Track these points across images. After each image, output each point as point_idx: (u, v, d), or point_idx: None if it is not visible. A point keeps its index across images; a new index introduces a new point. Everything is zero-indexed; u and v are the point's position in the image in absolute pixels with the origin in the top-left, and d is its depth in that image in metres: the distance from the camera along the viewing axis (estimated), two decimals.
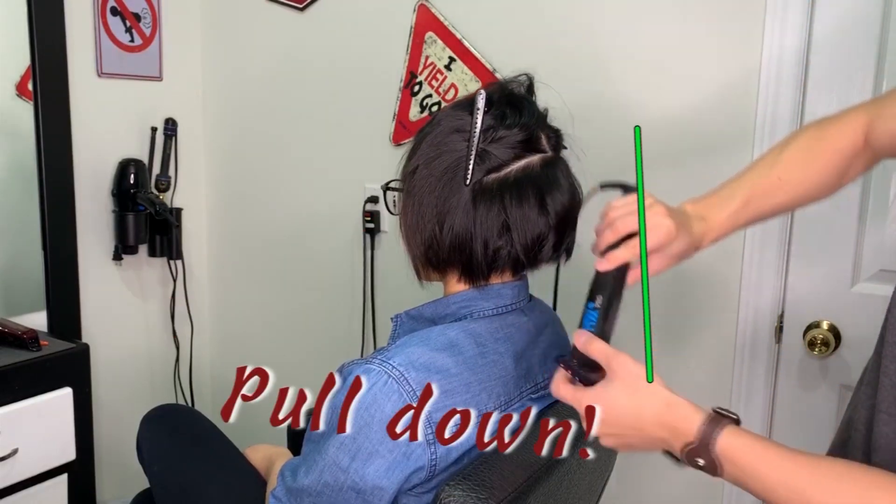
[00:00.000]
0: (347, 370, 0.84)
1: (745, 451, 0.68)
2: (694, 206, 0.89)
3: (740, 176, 0.92)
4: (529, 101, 0.93)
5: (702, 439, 0.70)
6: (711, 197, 0.91)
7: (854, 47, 1.26)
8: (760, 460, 0.68)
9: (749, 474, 0.68)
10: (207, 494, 1.11)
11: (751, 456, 0.68)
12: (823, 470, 0.65)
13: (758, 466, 0.68)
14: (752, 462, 0.68)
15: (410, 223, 0.92)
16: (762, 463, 0.68)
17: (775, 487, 0.67)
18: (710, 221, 0.88)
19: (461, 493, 0.75)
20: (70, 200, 1.80)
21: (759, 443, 0.69)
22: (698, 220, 0.88)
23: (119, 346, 2.03)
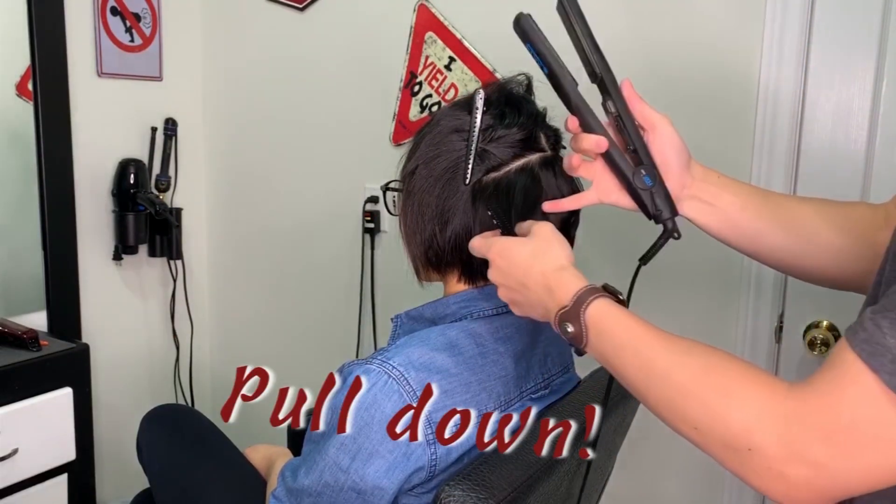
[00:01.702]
0: (347, 370, 0.84)
1: (611, 319, 0.70)
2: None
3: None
4: (528, 101, 0.93)
5: (575, 304, 0.72)
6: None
7: (854, 45, 1.26)
8: (620, 326, 0.69)
9: (606, 340, 0.70)
10: (207, 494, 1.11)
11: (612, 322, 0.70)
12: (676, 344, 0.66)
13: (616, 332, 0.69)
14: (612, 327, 0.70)
15: (410, 223, 0.92)
16: (621, 329, 0.69)
17: (626, 353, 0.68)
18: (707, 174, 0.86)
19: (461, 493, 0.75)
20: (70, 200, 1.80)
21: (626, 314, 0.70)
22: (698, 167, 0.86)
23: (119, 346, 2.03)
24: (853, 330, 0.55)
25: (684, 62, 1.39)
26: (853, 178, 1.28)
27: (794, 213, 0.85)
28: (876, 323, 0.53)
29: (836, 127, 1.28)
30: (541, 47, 0.83)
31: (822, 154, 1.30)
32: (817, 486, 0.55)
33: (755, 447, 0.56)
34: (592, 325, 0.71)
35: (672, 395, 0.64)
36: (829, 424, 0.54)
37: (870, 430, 0.53)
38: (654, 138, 0.83)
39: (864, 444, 0.53)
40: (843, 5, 1.26)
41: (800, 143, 1.31)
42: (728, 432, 0.58)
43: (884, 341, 0.52)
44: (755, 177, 1.34)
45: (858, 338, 0.54)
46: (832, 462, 0.53)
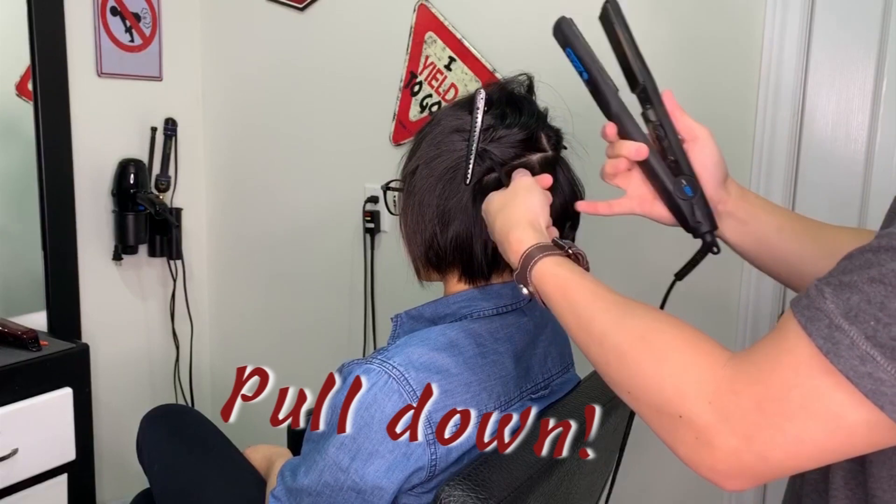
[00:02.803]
0: (347, 370, 0.84)
1: (554, 279, 0.70)
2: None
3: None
4: (529, 101, 0.93)
5: (522, 265, 0.73)
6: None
7: (854, 45, 1.26)
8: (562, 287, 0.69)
9: (551, 301, 0.70)
10: (207, 494, 1.11)
11: (554, 282, 0.70)
12: (618, 306, 0.65)
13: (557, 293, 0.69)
14: (553, 288, 0.70)
15: (411, 223, 0.92)
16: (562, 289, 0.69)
17: (567, 314, 0.68)
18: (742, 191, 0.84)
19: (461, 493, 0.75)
20: (70, 200, 1.80)
21: (569, 273, 0.70)
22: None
23: (119, 346, 2.03)
24: (798, 298, 0.53)
25: (684, 62, 1.39)
26: (853, 179, 1.28)
27: (835, 239, 0.82)
28: (819, 289, 0.51)
29: (837, 127, 1.28)
30: (582, 52, 0.81)
31: (823, 154, 1.30)
32: (744, 460, 0.52)
33: (685, 414, 0.55)
34: (539, 286, 0.71)
35: (608, 357, 0.63)
36: (761, 393, 0.51)
37: (798, 400, 0.50)
38: (695, 150, 0.81)
39: (792, 415, 0.50)
40: (843, 5, 1.26)
41: (800, 143, 1.31)
42: (660, 397, 0.57)
43: (823, 305, 0.50)
44: (755, 177, 1.34)
45: (801, 304, 0.52)
46: (760, 433, 0.51)
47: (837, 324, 0.49)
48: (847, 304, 0.49)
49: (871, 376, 0.48)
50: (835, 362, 0.49)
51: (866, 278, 0.49)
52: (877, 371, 0.47)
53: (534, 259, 0.72)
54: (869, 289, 0.49)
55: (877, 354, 0.48)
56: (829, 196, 1.30)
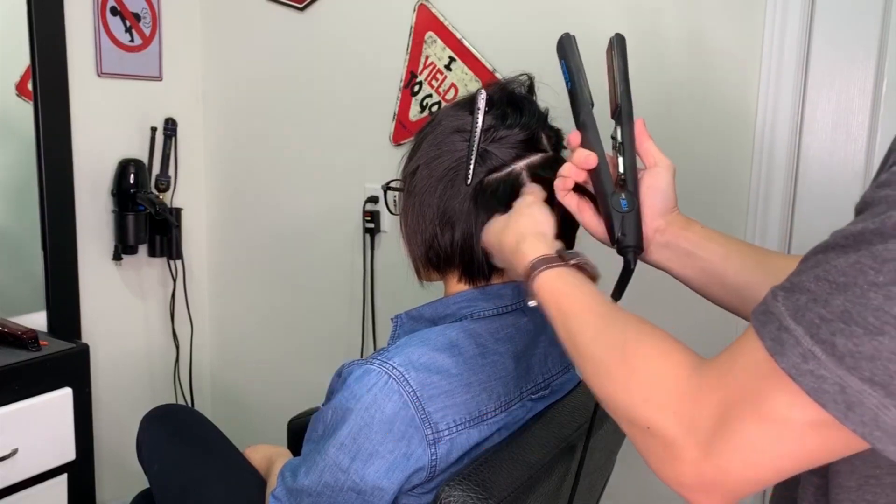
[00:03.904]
0: (347, 371, 0.84)
1: (551, 292, 0.71)
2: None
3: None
4: (530, 101, 0.93)
5: (529, 270, 0.74)
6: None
7: (854, 46, 1.26)
8: (556, 299, 0.70)
9: (549, 313, 0.71)
10: (207, 495, 1.10)
11: (550, 295, 0.71)
12: (602, 318, 0.65)
13: (552, 305, 0.70)
14: (549, 300, 0.71)
15: (411, 223, 0.92)
16: (557, 301, 0.70)
17: (558, 326, 0.69)
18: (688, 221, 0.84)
19: (461, 493, 0.75)
20: (70, 200, 1.80)
21: (566, 285, 0.71)
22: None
23: (119, 346, 2.03)
24: (756, 305, 0.52)
25: (684, 62, 1.39)
26: (854, 179, 1.28)
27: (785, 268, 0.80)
28: (773, 293, 0.51)
29: (837, 127, 1.28)
30: (571, 65, 0.86)
31: (823, 154, 1.30)
32: (706, 472, 0.51)
33: (652, 425, 0.54)
34: (539, 299, 0.72)
35: (590, 369, 0.64)
36: (720, 400, 0.51)
37: (749, 404, 0.49)
38: (648, 176, 0.83)
39: (744, 420, 0.49)
40: (843, 5, 1.26)
41: (800, 143, 1.31)
42: (630, 408, 0.57)
43: (775, 308, 0.49)
44: (755, 177, 1.34)
45: (757, 310, 0.51)
46: (717, 441, 0.50)
47: (786, 324, 0.48)
48: (795, 304, 0.48)
49: (813, 374, 0.46)
50: (779, 361, 0.48)
51: (813, 276, 0.48)
52: (819, 368, 0.46)
53: (536, 271, 0.73)
54: (815, 287, 0.48)
55: (818, 351, 0.46)
56: (829, 196, 1.30)
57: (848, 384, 0.45)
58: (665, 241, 0.82)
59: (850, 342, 0.45)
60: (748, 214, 1.35)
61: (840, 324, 0.46)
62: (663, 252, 0.82)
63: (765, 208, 1.34)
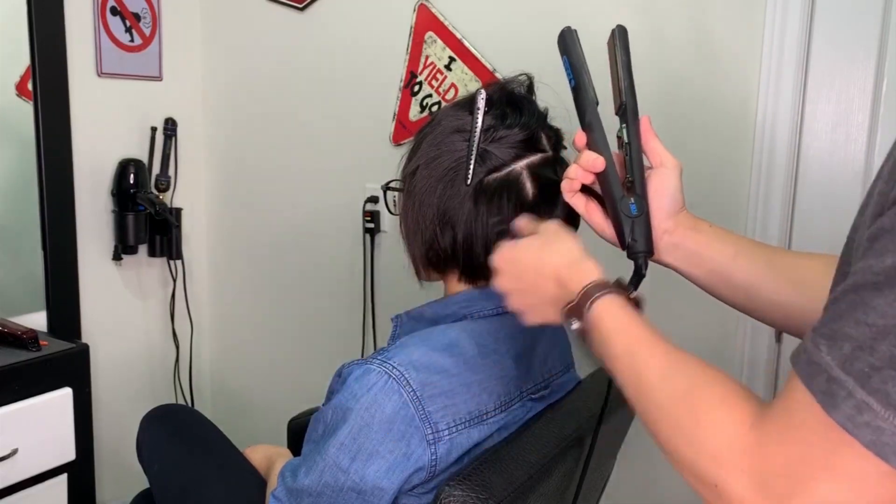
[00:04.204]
0: (347, 370, 0.84)
1: (611, 321, 0.68)
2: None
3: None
4: (530, 101, 0.93)
5: (581, 298, 0.70)
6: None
7: (854, 46, 1.26)
8: (620, 331, 0.68)
9: (605, 342, 0.68)
10: (207, 495, 1.10)
11: (612, 324, 0.68)
12: (668, 359, 0.64)
13: (614, 336, 0.68)
14: (610, 329, 0.68)
15: (411, 223, 0.92)
16: (620, 333, 0.67)
17: (620, 361, 0.66)
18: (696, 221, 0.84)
19: (461, 493, 0.75)
20: (70, 200, 1.80)
21: (628, 317, 0.68)
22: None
23: (119, 346, 2.03)
24: (796, 352, 0.52)
25: (683, 62, 1.39)
26: (854, 179, 1.27)
27: (794, 265, 0.80)
28: (815, 341, 0.50)
29: (837, 127, 1.28)
30: (574, 61, 0.84)
31: (823, 154, 1.30)
32: None
33: (721, 483, 0.54)
34: (595, 324, 0.69)
35: (653, 414, 0.62)
36: (786, 457, 0.51)
37: (817, 461, 0.49)
38: (656, 176, 0.82)
39: (816, 477, 0.49)
40: (843, 5, 1.26)
41: (800, 143, 1.31)
42: (697, 464, 0.56)
43: (819, 359, 0.49)
44: (755, 177, 1.34)
45: (800, 360, 0.51)
46: (794, 497, 0.50)
47: (834, 375, 0.48)
48: (841, 353, 0.47)
49: (870, 426, 0.46)
50: (833, 415, 0.47)
51: (853, 321, 0.47)
52: (874, 420, 0.45)
53: (594, 296, 0.69)
54: (856, 332, 0.47)
55: (872, 402, 0.46)
56: (830, 196, 1.30)
57: None
58: (673, 242, 0.82)
59: None
60: (748, 214, 1.35)
61: (890, 371, 0.45)
62: (672, 253, 0.82)
63: (765, 208, 1.34)
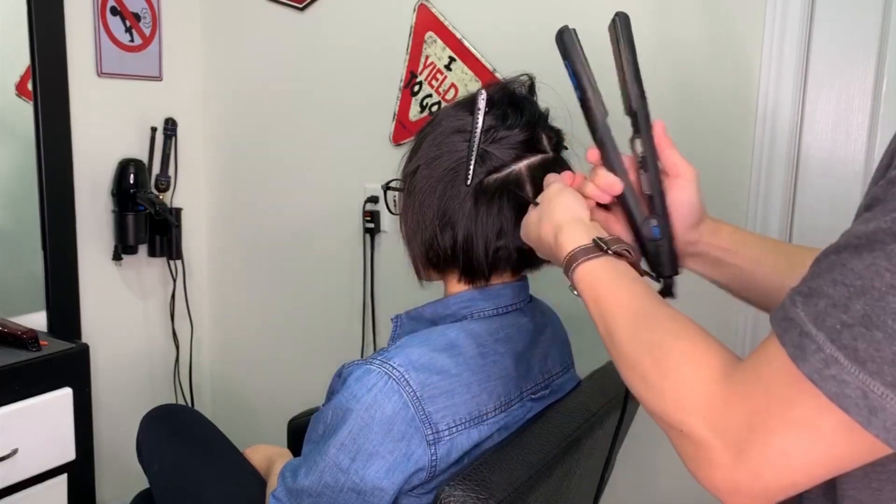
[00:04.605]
0: (347, 371, 0.84)
1: (591, 282, 0.70)
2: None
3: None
4: (531, 102, 0.93)
5: (566, 265, 0.72)
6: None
7: (854, 46, 1.26)
8: (596, 290, 0.69)
9: (587, 303, 0.70)
10: (207, 495, 1.11)
11: (589, 285, 0.70)
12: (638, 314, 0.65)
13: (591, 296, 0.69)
14: (587, 290, 0.70)
15: (411, 223, 0.92)
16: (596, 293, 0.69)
17: (596, 319, 0.68)
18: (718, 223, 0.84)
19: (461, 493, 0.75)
20: (70, 200, 1.80)
21: (606, 277, 0.69)
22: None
23: (119, 346, 2.03)
24: (775, 310, 0.53)
25: (683, 61, 1.39)
26: (854, 179, 1.28)
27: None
28: (791, 298, 0.51)
29: (837, 127, 1.28)
30: (578, 68, 0.81)
31: (823, 154, 1.30)
32: (739, 477, 0.52)
33: (686, 430, 0.55)
34: (580, 290, 0.71)
35: (623, 368, 0.64)
36: (749, 407, 0.52)
37: (778, 411, 0.50)
38: (674, 187, 0.81)
39: (775, 428, 0.50)
40: (843, 5, 1.26)
41: (800, 143, 1.31)
42: (664, 412, 0.58)
43: (794, 314, 0.50)
44: (755, 178, 1.34)
45: (777, 316, 0.52)
46: (749, 448, 0.51)
47: (807, 330, 0.49)
48: (815, 310, 0.49)
49: (835, 379, 0.47)
50: (801, 367, 0.48)
51: (830, 280, 0.49)
52: (840, 373, 0.47)
53: (575, 263, 0.71)
54: (833, 291, 0.48)
55: (840, 356, 0.47)
56: (830, 196, 1.30)
57: (870, 389, 0.46)
58: (696, 251, 0.83)
59: (872, 347, 0.46)
60: (748, 214, 1.35)
61: (861, 328, 0.46)
62: (695, 261, 0.84)
63: (765, 208, 1.34)
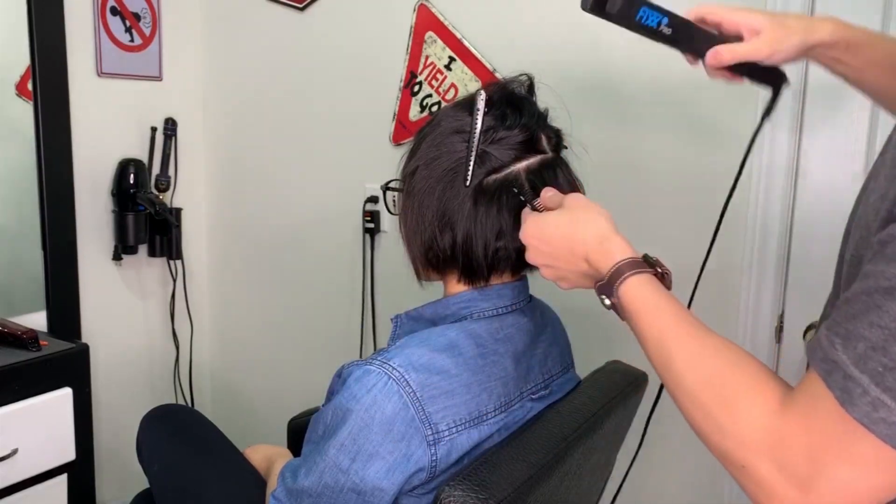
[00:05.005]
0: (347, 372, 0.84)
1: (641, 301, 0.70)
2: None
3: None
4: (530, 102, 0.93)
5: (611, 278, 0.72)
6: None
7: None
8: (649, 311, 0.69)
9: (636, 322, 0.70)
10: (207, 495, 1.10)
11: (642, 304, 0.70)
12: (696, 341, 0.66)
13: (644, 317, 0.69)
14: (640, 310, 0.70)
15: (410, 224, 0.92)
16: (649, 314, 0.69)
17: (650, 342, 0.68)
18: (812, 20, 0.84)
19: (461, 494, 0.75)
20: (70, 200, 1.80)
21: (658, 297, 0.70)
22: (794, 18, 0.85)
23: (119, 346, 2.03)
24: (812, 347, 0.56)
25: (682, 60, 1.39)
26: (854, 179, 1.28)
27: None
28: (830, 339, 0.54)
29: (836, 127, 1.28)
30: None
31: (823, 154, 1.30)
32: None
33: (748, 465, 0.58)
34: (626, 303, 0.71)
35: (682, 397, 0.65)
36: (808, 444, 0.54)
37: (836, 449, 0.53)
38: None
39: (836, 464, 0.53)
40: (844, 6, 1.26)
41: (800, 143, 1.31)
42: (724, 447, 0.60)
43: (836, 356, 0.53)
44: (755, 177, 1.34)
45: (816, 356, 0.55)
46: (814, 483, 0.54)
47: (850, 373, 0.52)
48: (855, 353, 0.52)
49: (885, 421, 0.50)
50: (851, 412, 0.51)
51: (866, 323, 0.51)
52: (890, 416, 0.50)
53: (624, 275, 0.71)
54: (870, 334, 0.51)
55: (886, 399, 0.50)
56: (830, 196, 1.30)
57: None
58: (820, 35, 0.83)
59: None
60: (748, 214, 1.35)
61: None
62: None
63: (764, 209, 1.34)
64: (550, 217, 0.80)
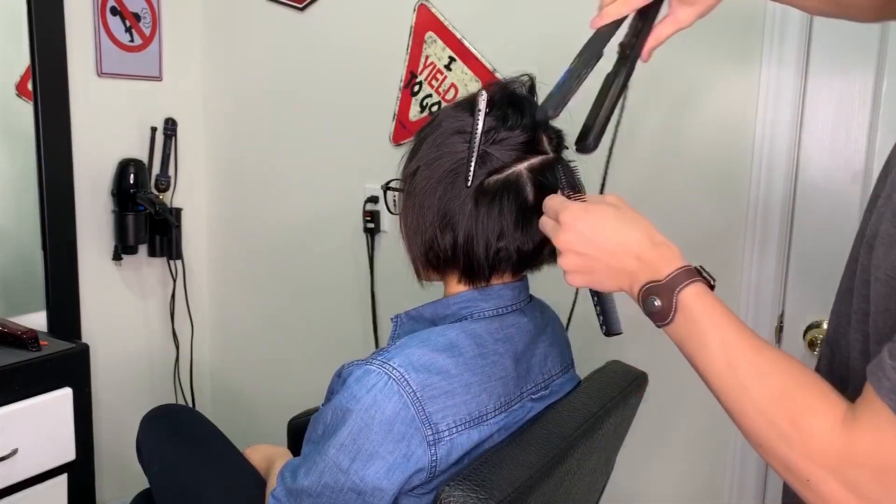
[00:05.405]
0: (347, 371, 0.84)
1: (703, 309, 0.69)
2: None
3: None
4: (531, 102, 0.93)
5: (671, 281, 0.71)
6: None
7: (854, 46, 1.26)
8: (711, 321, 0.69)
9: (693, 329, 0.69)
10: (207, 495, 1.11)
11: (704, 313, 0.69)
12: (761, 355, 0.65)
13: (705, 325, 0.68)
14: (702, 318, 0.69)
15: (411, 224, 0.92)
16: (711, 323, 0.68)
17: (712, 352, 0.67)
18: None
19: (461, 494, 0.75)
20: (70, 200, 1.80)
21: (719, 307, 0.69)
22: None
23: (119, 346, 2.03)
24: (877, 376, 0.56)
25: (683, 61, 1.39)
26: (854, 179, 1.28)
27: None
28: (893, 356, 0.55)
29: (837, 127, 1.28)
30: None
31: (823, 154, 1.30)
32: None
33: (813, 480, 0.58)
34: (684, 309, 0.70)
35: (746, 408, 0.64)
36: (877, 465, 0.55)
37: None
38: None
39: None
40: None
41: (800, 142, 1.31)
42: (790, 460, 0.60)
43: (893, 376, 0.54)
44: (755, 177, 1.34)
45: (884, 387, 0.55)
46: (883, 500, 0.55)
47: None
48: None
49: None
50: None
51: None
52: None
53: (686, 281, 0.70)
54: None
55: None
56: (830, 196, 1.30)
57: None
58: None
59: None
60: (748, 214, 1.35)
61: None
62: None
63: (765, 209, 1.34)
64: (598, 208, 0.77)
